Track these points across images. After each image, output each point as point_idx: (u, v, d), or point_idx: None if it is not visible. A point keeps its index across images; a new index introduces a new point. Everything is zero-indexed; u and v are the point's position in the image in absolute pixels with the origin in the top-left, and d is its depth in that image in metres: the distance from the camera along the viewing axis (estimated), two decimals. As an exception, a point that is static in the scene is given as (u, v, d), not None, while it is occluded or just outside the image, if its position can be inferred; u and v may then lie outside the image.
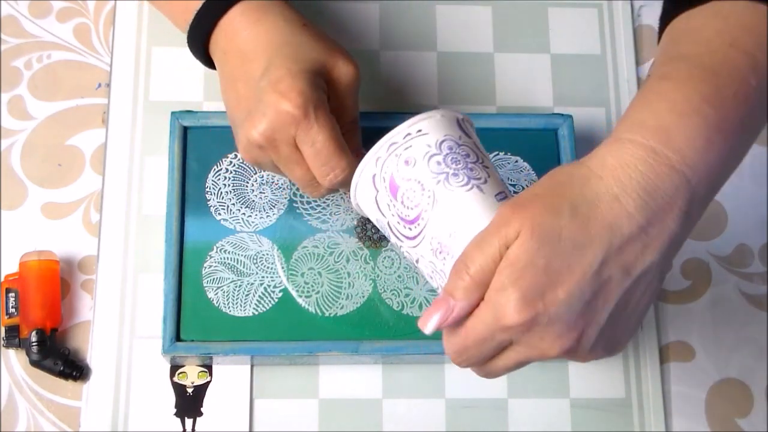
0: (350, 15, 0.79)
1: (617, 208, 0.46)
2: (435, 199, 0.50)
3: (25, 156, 0.74)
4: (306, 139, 0.56)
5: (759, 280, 0.75)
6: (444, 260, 0.49)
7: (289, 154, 0.58)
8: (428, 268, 0.51)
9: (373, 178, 0.52)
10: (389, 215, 0.52)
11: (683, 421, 0.71)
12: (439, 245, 0.50)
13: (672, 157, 0.48)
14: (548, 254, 0.45)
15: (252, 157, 0.60)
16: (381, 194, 0.52)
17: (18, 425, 0.67)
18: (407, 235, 0.51)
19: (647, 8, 0.82)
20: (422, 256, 0.51)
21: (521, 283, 0.45)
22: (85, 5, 0.78)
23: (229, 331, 0.67)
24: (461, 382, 0.70)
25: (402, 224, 0.51)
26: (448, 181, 0.50)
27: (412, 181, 0.51)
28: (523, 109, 0.78)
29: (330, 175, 0.57)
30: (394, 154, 0.52)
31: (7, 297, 0.68)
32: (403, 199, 0.51)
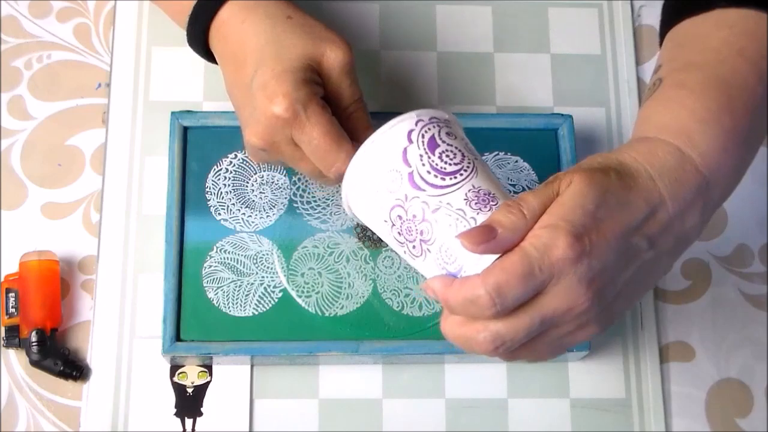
0: (350, 15, 0.79)
1: (653, 186, 0.49)
2: (476, 167, 0.52)
3: (25, 156, 0.74)
4: (302, 138, 0.57)
5: (759, 280, 0.75)
6: (480, 210, 0.50)
7: (291, 152, 0.59)
8: (451, 217, 0.50)
9: (409, 133, 0.53)
10: (417, 165, 0.52)
11: (683, 421, 0.71)
12: (476, 197, 0.50)
13: (696, 159, 0.51)
14: (597, 201, 0.47)
15: (260, 159, 0.62)
16: (414, 147, 0.52)
17: (18, 425, 0.67)
18: (435, 184, 0.51)
19: (647, 8, 0.82)
20: (448, 204, 0.51)
21: (573, 220, 0.46)
22: (85, 5, 0.78)
23: (229, 331, 0.67)
24: (461, 382, 0.70)
25: (433, 174, 0.51)
26: (483, 164, 0.53)
27: (453, 147, 0.53)
28: (523, 109, 0.78)
29: (333, 168, 0.57)
30: (436, 124, 0.54)
31: (7, 297, 0.68)
32: (441, 155, 0.52)
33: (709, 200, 0.52)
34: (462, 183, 0.51)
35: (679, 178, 0.50)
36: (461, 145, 0.53)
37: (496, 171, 0.71)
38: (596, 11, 0.81)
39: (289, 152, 0.59)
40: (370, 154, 0.54)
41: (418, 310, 0.68)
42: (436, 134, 0.53)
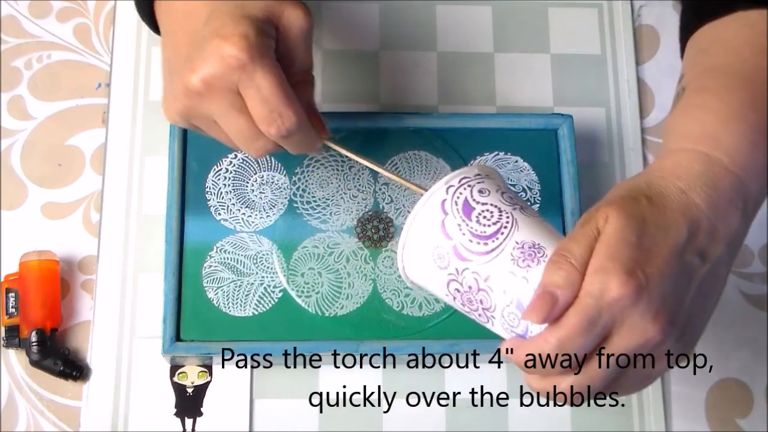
0: (350, 15, 0.79)
1: (686, 199, 0.49)
2: (514, 218, 0.51)
3: (25, 156, 0.74)
4: (250, 84, 0.52)
5: (759, 280, 0.75)
6: (528, 267, 0.49)
7: (230, 101, 0.53)
8: (503, 282, 0.50)
9: (443, 204, 0.52)
10: (458, 236, 0.51)
11: (683, 421, 0.71)
12: (521, 254, 0.50)
13: (724, 160, 0.50)
14: (637, 232, 0.46)
15: (186, 109, 0.55)
16: (450, 217, 0.52)
17: (18, 425, 0.67)
18: (479, 251, 0.50)
19: (647, 8, 0.82)
20: (497, 269, 0.50)
21: (620, 257, 0.46)
22: (85, 5, 0.78)
23: (229, 331, 0.67)
24: (461, 382, 0.70)
25: (475, 241, 0.51)
26: (524, 211, 0.52)
27: (488, 204, 0.52)
28: (523, 109, 0.78)
29: (277, 122, 0.53)
30: (467, 184, 0.53)
31: (7, 297, 0.68)
32: (478, 218, 0.51)
33: (749, 198, 0.51)
34: (505, 243, 0.50)
35: (710, 182, 0.49)
36: (496, 200, 0.52)
37: (496, 171, 0.71)
38: (596, 11, 0.81)
39: (227, 101, 0.53)
40: (412, 235, 0.53)
41: (418, 310, 0.68)
42: (468, 197, 0.52)
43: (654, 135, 0.79)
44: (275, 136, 0.54)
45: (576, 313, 0.46)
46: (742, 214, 0.50)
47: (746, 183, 0.50)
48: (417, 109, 0.76)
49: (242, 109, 0.54)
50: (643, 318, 0.46)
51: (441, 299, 0.55)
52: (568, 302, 0.46)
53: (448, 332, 0.67)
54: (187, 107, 0.55)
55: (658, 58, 0.81)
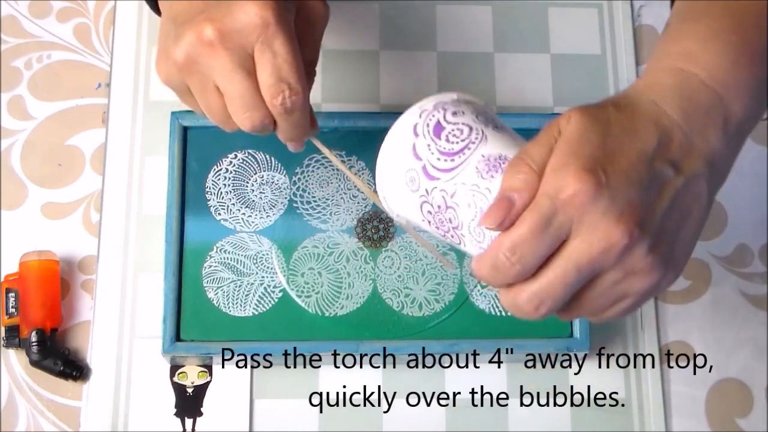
0: (350, 15, 0.79)
1: (657, 110, 0.46)
2: (484, 134, 0.50)
3: (25, 156, 0.74)
4: (267, 48, 0.50)
5: (759, 280, 0.75)
6: (492, 177, 0.48)
7: (241, 60, 0.51)
8: (468, 195, 0.49)
9: (414, 127, 0.51)
10: (426, 155, 0.50)
11: (683, 421, 0.72)
12: (486, 166, 0.48)
13: (701, 74, 0.48)
14: (601, 132, 0.44)
15: (188, 59, 0.51)
16: (420, 138, 0.51)
17: (18, 425, 0.67)
18: (446, 167, 0.49)
19: (647, 8, 0.82)
20: (462, 184, 0.49)
21: (579, 154, 0.43)
22: (85, 5, 0.78)
23: (229, 331, 0.67)
24: (461, 382, 0.70)
25: (442, 159, 0.50)
26: (497, 128, 0.51)
27: (460, 123, 0.50)
28: (523, 109, 0.78)
29: (284, 92, 0.52)
30: (441, 107, 0.51)
31: (7, 297, 0.68)
32: (448, 137, 0.50)
33: (730, 116, 0.47)
34: (470, 157, 0.49)
35: (685, 94, 0.47)
36: (470, 119, 0.51)
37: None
38: (596, 11, 0.81)
39: (237, 59, 0.51)
40: (385, 161, 0.52)
41: (418, 310, 0.68)
42: (440, 118, 0.51)
43: (654, 135, 0.79)
44: (278, 108, 0.52)
45: (530, 213, 0.43)
46: (722, 132, 0.47)
47: (725, 99, 0.47)
48: (417, 109, 0.76)
49: (251, 71, 0.51)
50: (605, 216, 0.42)
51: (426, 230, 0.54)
52: (526, 204, 0.44)
53: (448, 332, 0.67)
54: (190, 57, 0.51)
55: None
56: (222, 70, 0.51)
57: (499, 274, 0.45)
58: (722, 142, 0.47)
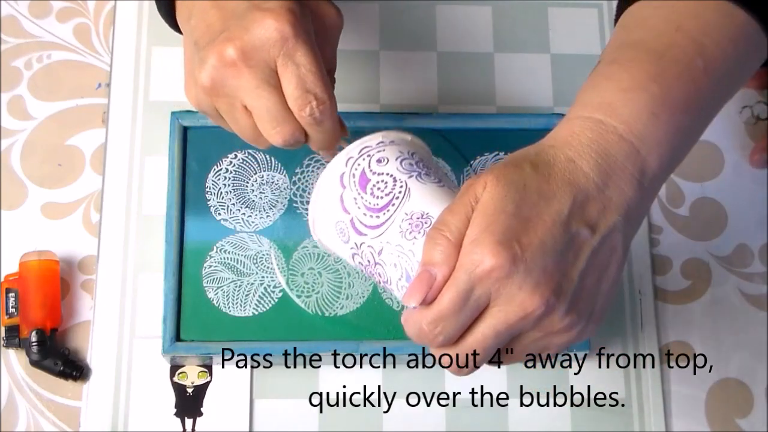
0: (350, 15, 0.79)
1: (573, 167, 0.47)
2: (408, 187, 0.50)
3: (25, 156, 0.74)
4: (290, 61, 0.51)
5: (759, 280, 0.75)
6: (414, 239, 0.49)
7: (266, 76, 0.51)
8: (393, 255, 0.49)
9: (341, 177, 0.52)
10: (354, 210, 0.51)
11: (683, 421, 0.71)
12: (409, 226, 0.49)
13: (618, 127, 0.48)
14: (516, 200, 0.45)
15: (214, 83, 0.52)
16: (347, 191, 0.51)
17: (18, 425, 0.67)
18: (372, 224, 0.50)
19: (647, 8, 0.82)
20: (387, 243, 0.50)
21: (494, 228, 0.44)
22: (85, 5, 0.78)
23: (229, 331, 0.67)
24: (461, 382, 0.70)
25: (368, 215, 0.50)
26: (421, 177, 0.51)
27: (384, 174, 0.51)
28: (523, 109, 0.78)
29: (312, 103, 0.52)
30: (366, 154, 0.52)
31: (7, 297, 0.68)
32: (372, 190, 0.50)
33: (647, 169, 0.48)
34: (394, 215, 0.50)
35: (601, 149, 0.47)
36: (393, 168, 0.51)
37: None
38: (596, 11, 0.81)
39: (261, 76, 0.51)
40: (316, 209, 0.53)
41: (418, 310, 0.68)
42: (365, 168, 0.51)
43: (654, 135, 0.79)
44: (307, 119, 0.52)
45: (449, 289, 0.45)
46: (638, 184, 0.48)
47: (642, 152, 0.48)
48: (417, 109, 0.76)
49: (276, 85, 0.52)
50: (521, 290, 0.44)
51: None
52: (446, 278, 0.45)
53: (448, 332, 0.67)
54: (215, 80, 0.52)
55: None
56: (247, 88, 0.52)
57: (424, 341, 0.47)
58: (638, 193, 0.48)
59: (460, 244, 0.45)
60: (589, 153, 0.47)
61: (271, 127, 0.53)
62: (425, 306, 0.46)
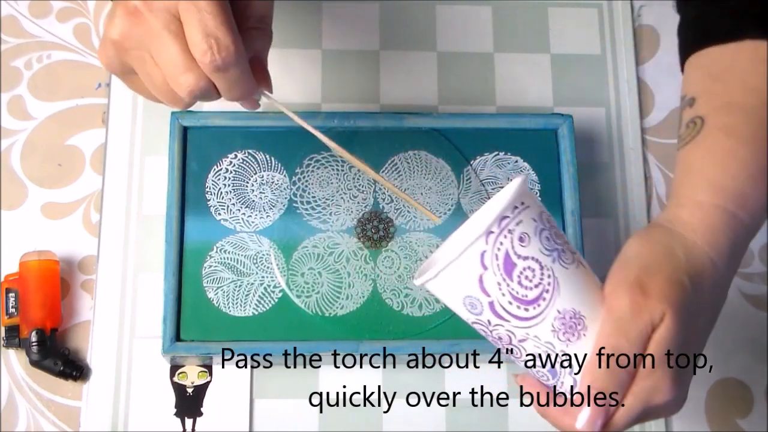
0: (350, 15, 0.79)
1: (716, 271, 0.51)
2: (555, 277, 0.49)
3: (25, 156, 0.74)
4: (191, 5, 0.48)
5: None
6: (568, 341, 0.49)
7: (166, 22, 0.49)
8: (538, 348, 0.49)
9: (482, 256, 0.48)
10: (497, 295, 0.48)
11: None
12: (562, 326, 0.49)
13: (746, 220, 0.52)
14: (689, 333, 0.49)
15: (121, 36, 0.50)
16: (489, 274, 0.48)
17: (18, 425, 0.67)
18: (520, 316, 0.48)
19: (647, 8, 0.82)
20: (535, 337, 0.49)
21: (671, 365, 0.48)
22: (85, 5, 0.78)
23: (229, 331, 0.67)
24: (461, 382, 0.70)
25: (515, 305, 0.48)
26: (561, 258, 0.49)
27: (530, 259, 0.48)
28: (523, 109, 0.78)
29: (213, 48, 0.48)
30: (507, 230, 0.48)
31: (7, 297, 0.68)
32: (520, 278, 0.48)
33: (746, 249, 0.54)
34: (546, 311, 0.48)
35: (733, 244, 0.51)
36: (537, 250, 0.48)
37: (496, 171, 0.71)
38: (596, 11, 0.81)
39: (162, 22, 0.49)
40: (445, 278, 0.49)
41: (418, 310, 0.68)
42: (509, 249, 0.48)
43: (654, 135, 0.79)
44: (209, 66, 0.49)
45: (625, 416, 0.48)
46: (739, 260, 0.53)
47: (752, 233, 0.53)
48: (417, 109, 0.76)
49: (178, 33, 0.49)
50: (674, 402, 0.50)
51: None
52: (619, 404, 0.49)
53: (448, 332, 0.67)
54: (122, 33, 0.50)
55: (658, 58, 0.81)
56: (151, 37, 0.49)
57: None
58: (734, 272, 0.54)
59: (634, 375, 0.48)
60: (726, 253, 0.51)
61: (177, 78, 0.50)
62: None
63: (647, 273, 0.49)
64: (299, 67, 0.77)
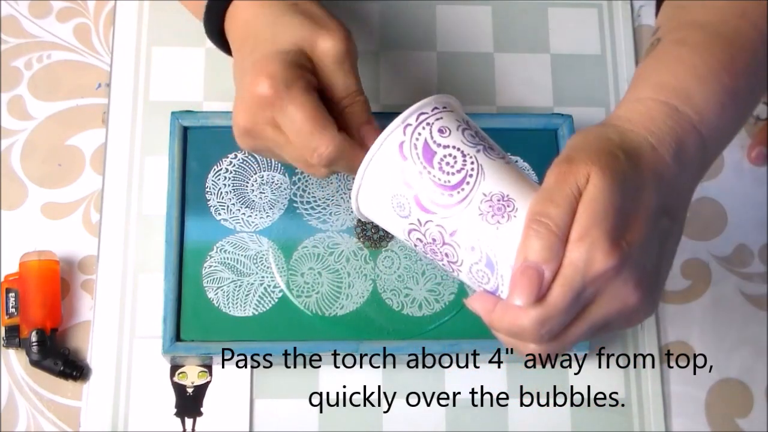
0: (350, 15, 0.79)
1: (657, 157, 0.47)
2: (479, 164, 0.48)
3: (25, 156, 0.74)
4: (284, 120, 0.55)
5: (759, 280, 0.75)
6: (498, 223, 0.46)
7: (274, 136, 0.56)
8: (471, 238, 0.47)
9: (401, 146, 0.49)
10: (419, 185, 0.48)
11: (683, 421, 0.72)
12: (490, 209, 0.46)
13: (693, 118, 0.49)
14: (620, 195, 0.45)
15: (246, 144, 0.59)
16: (410, 163, 0.48)
17: (18, 425, 0.67)
18: (444, 203, 0.47)
19: (647, 8, 0.82)
20: (464, 224, 0.47)
21: (605, 225, 0.44)
22: (85, 5, 0.78)
23: (229, 331, 0.67)
24: (461, 382, 0.70)
25: (439, 191, 0.47)
26: (487, 152, 0.49)
27: (450, 147, 0.48)
28: (523, 109, 0.78)
29: (315, 152, 0.55)
30: (425, 122, 0.49)
31: (7, 297, 0.68)
32: (441, 165, 0.48)
33: (706, 157, 0.50)
34: (471, 194, 0.47)
35: (679, 139, 0.48)
36: (458, 140, 0.49)
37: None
38: (596, 11, 0.81)
39: (271, 135, 0.56)
40: (369, 180, 0.50)
41: (418, 310, 0.68)
42: (428, 138, 0.49)
43: (654, 135, 0.79)
44: (318, 164, 0.56)
45: (561, 287, 0.44)
46: (698, 173, 0.50)
47: (708, 144, 0.50)
48: (417, 109, 0.76)
49: (286, 142, 0.56)
50: (625, 286, 0.45)
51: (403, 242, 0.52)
52: (554, 275, 0.44)
53: (448, 332, 0.67)
54: (244, 145, 0.58)
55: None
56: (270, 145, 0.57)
57: (520, 337, 0.46)
58: (696, 180, 0.50)
59: (566, 239, 0.44)
60: (669, 142, 0.48)
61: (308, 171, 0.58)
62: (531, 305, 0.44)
63: (575, 150, 0.46)
64: (299, 67, 0.77)
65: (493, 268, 0.47)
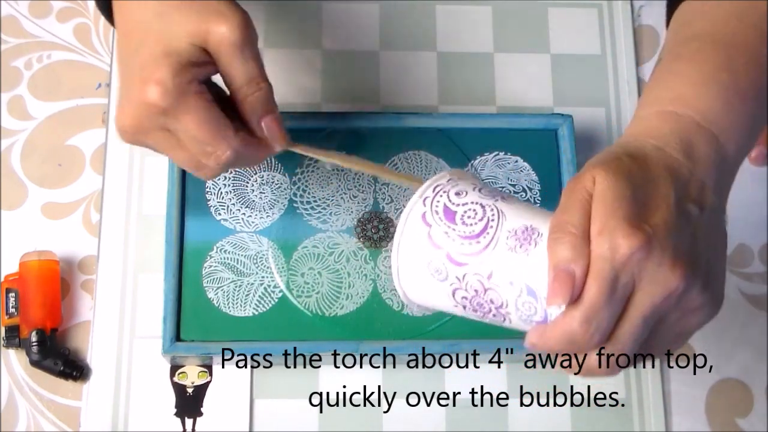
0: (350, 15, 0.79)
1: (663, 154, 0.47)
2: (499, 209, 0.49)
3: (25, 156, 0.74)
4: (178, 127, 0.53)
5: (759, 280, 0.75)
6: (526, 251, 0.47)
7: (165, 139, 0.54)
8: (507, 274, 0.48)
9: (423, 216, 0.50)
10: (447, 244, 0.49)
11: (683, 421, 0.72)
12: (516, 241, 0.47)
13: (695, 117, 0.49)
14: (630, 186, 0.45)
15: (127, 141, 0.55)
16: (435, 228, 0.50)
17: (18, 425, 0.67)
18: (473, 251, 0.49)
19: (647, 8, 0.82)
20: (497, 263, 0.48)
21: (620, 213, 0.44)
22: (85, 5, 0.78)
23: (229, 331, 0.67)
24: (461, 382, 0.70)
25: (466, 243, 0.49)
26: (506, 200, 0.50)
27: (469, 204, 0.50)
28: (523, 109, 0.78)
29: (213, 155, 0.54)
30: (442, 191, 0.51)
31: (7, 297, 0.68)
32: (463, 219, 0.49)
33: (726, 155, 0.49)
34: (496, 235, 0.48)
35: (684, 137, 0.48)
36: (476, 197, 0.50)
37: (496, 171, 0.71)
38: (596, 11, 0.81)
39: (161, 139, 0.54)
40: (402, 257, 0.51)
41: (418, 310, 0.68)
42: (447, 202, 0.50)
43: (654, 135, 0.79)
44: (215, 167, 0.55)
45: (594, 281, 0.44)
46: (719, 170, 0.48)
47: (721, 140, 0.49)
48: (417, 109, 0.76)
49: (177, 145, 0.54)
50: (661, 267, 0.44)
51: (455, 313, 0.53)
52: (585, 272, 0.44)
53: (448, 332, 0.67)
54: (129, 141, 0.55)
55: (658, 58, 0.81)
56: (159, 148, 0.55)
57: (577, 346, 0.45)
58: (720, 178, 0.49)
59: (587, 237, 0.44)
60: (674, 141, 0.48)
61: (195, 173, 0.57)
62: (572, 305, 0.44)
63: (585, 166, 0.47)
64: (299, 67, 0.77)
65: (535, 295, 0.47)
